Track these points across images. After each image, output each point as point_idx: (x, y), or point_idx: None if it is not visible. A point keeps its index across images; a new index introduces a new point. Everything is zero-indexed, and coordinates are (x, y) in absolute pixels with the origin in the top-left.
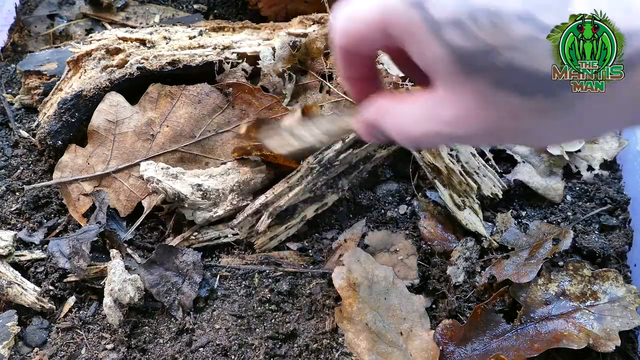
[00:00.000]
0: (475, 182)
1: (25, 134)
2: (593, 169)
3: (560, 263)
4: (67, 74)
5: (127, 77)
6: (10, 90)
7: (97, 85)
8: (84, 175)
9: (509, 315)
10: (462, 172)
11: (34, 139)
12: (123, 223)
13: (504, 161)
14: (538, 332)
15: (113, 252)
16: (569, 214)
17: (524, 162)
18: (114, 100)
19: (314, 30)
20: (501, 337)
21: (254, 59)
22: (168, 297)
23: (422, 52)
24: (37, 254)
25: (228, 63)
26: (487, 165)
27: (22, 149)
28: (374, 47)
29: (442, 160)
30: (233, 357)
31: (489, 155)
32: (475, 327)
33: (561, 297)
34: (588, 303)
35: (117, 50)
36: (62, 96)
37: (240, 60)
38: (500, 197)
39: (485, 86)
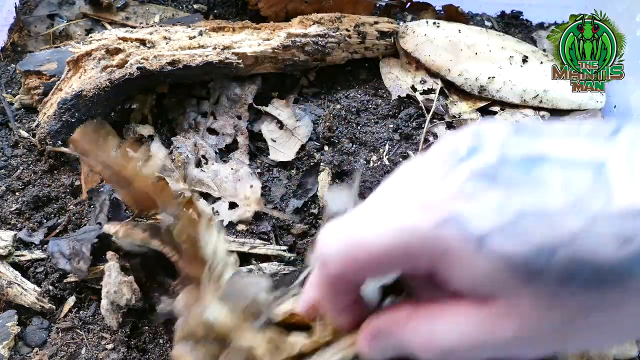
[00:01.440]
0: None
1: (25, 134)
2: None
3: None
4: (67, 74)
5: (127, 77)
6: (10, 90)
7: (97, 85)
8: None
9: None
10: None
11: (34, 139)
12: None
13: None
14: None
15: (109, 254)
16: None
17: None
18: None
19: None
20: None
21: (253, 59)
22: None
23: (466, 272)
24: (37, 254)
25: (228, 63)
26: None
27: (22, 149)
28: (380, 272)
29: None
30: None
31: None
32: None
33: None
34: None
35: (117, 50)
36: (62, 96)
37: (240, 61)
38: None
39: (548, 288)
